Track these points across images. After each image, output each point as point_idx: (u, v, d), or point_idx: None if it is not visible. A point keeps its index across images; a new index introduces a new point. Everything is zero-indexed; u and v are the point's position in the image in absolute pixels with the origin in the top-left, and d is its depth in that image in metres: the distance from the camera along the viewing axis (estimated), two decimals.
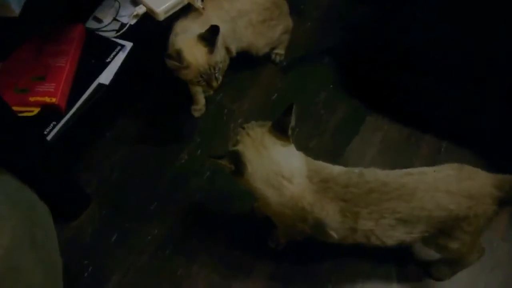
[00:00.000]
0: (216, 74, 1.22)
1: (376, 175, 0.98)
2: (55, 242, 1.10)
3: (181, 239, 1.32)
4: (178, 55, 1.17)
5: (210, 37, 1.17)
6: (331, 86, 1.57)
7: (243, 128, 0.99)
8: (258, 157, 0.95)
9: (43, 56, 1.17)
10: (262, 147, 0.95)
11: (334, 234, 1.00)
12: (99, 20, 1.30)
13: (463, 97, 1.32)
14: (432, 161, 1.35)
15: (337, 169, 1.01)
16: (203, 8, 1.28)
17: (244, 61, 1.50)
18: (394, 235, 1.00)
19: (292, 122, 0.96)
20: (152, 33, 1.33)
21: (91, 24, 1.30)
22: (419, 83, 1.36)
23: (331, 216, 0.97)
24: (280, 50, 1.59)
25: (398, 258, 1.26)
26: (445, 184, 0.96)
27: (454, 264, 1.16)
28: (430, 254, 1.20)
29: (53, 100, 1.10)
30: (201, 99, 1.48)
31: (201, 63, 1.18)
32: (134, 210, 1.36)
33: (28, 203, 1.04)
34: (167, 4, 1.26)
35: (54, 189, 1.17)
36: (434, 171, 0.99)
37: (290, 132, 0.96)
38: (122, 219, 1.35)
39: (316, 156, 1.04)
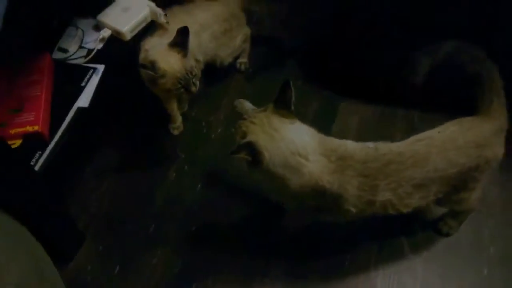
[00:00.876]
0: (193, 79, 1.23)
1: (389, 146, 1.01)
2: (59, 277, 1.03)
3: (188, 254, 1.27)
4: (153, 66, 1.16)
5: (181, 40, 1.19)
6: (300, 82, 1.62)
7: (245, 119, 0.98)
8: (272, 142, 0.94)
9: (14, 88, 1.12)
10: (273, 130, 0.95)
11: (352, 209, 1.00)
12: (64, 50, 1.28)
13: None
14: (410, 132, 1.40)
15: (350, 145, 1.01)
16: (167, 23, 1.30)
17: (212, 75, 1.52)
18: (411, 202, 1.02)
19: (293, 97, 0.97)
20: (120, 54, 1.32)
21: (57, 55, 1.27)
22: (382, 57, 1.44)
23: (350, 192, 0.98)
24: (243, 59, 1.63)
25: (406, 229, 1.29)
26: (452, 142, 1.00)
27: (460, 214, 1.21)
28: (437, 212, 1.25)
29: (36, 128, 1.05)
30: (177, 116, 1.47)
31: (177, 69, 1.18)
32: (131, 238, 1.31)
33: (28, 240, 0.97)
34: (131, 23, 1.27)
35: (48, 224, 1.09)
36: (439, 132, 1.04)
37: (293, 107, 0.97)
38: (121, 249, 1.28)
39: None
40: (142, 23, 1.29)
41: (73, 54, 1.28)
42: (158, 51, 1.20)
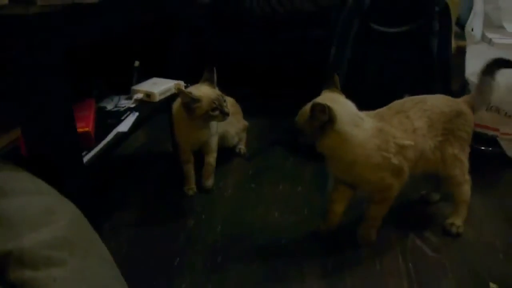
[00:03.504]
0: (225, 103, 1.48)
1: (399, 102, 1.35)
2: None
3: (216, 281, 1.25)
4: (191, 95, 1.42)
5: (209, 77, 1.51)
6: (291, 158, 1.88)
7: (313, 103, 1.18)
8: (339, 106, 1.19)
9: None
10: (335, 100, 1.21)
11: (405, 142, 1.26)
12: (104, 108, 1.51)
13: None
14: None
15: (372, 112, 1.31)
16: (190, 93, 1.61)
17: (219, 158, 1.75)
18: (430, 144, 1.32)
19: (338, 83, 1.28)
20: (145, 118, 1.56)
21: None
22: None
23: (397, 133, 1.26)
24: (242, 145, 1.91)
25: (415, 225, 1.43)
26: (436, 98, 1.38)
27: (459, 205, 1.44)
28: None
29: (86, 129, 1.20)
30: (192, 178, 1.64)
31: (210, 93, 1.46)
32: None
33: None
34: (161, 88, 1.57)
35: None
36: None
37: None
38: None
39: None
40: (168, 91, 1.59)
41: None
42: (193, 87, 1.53)
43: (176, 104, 1.55)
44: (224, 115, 1.48)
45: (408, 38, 1.77)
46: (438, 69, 1.78)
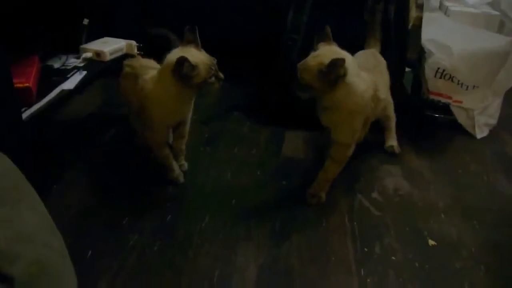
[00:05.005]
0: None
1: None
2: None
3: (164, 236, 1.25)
4: (186, 64, 1.21)
5: (192, 37, 1.29)
6: (248, 123, 1.88)
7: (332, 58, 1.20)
8: (347, 58, 1.22)
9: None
10: (338, 52, 1.25)
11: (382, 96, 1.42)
12: (50, 66, 1.46)
13: None
14: None
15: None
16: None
17: None
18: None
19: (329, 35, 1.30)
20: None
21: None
22: None
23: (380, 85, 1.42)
24: None
25: (364, 187, 1.46)
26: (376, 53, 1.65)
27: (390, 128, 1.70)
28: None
29: (26, 84, 1.16)
30: (173, 161, 1.48)
31: (204, 59, 1.27)
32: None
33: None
34: (111, 47, 1.53)
35: None
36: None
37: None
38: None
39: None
40: (119, 51, 1.56)
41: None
42: (182, 52, 1.26)
43: (154, 79, 1.33)
44: (220, 80, 1.32)
45: (366, 4, 1.77)
46: (394, 36, 1.80)
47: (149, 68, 1.36)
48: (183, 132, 1.48)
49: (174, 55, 1.25)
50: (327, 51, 1.25)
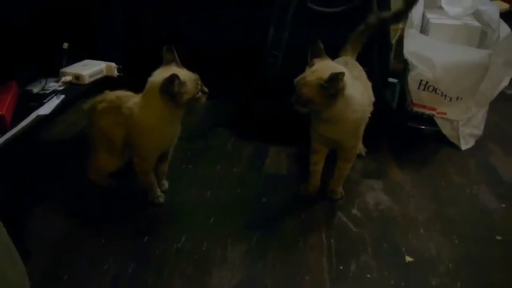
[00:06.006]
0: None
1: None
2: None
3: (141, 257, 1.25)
4: (176, 81, 1.21)
5: (171, 57, 1.29)
6: (232, 139, 1.89)
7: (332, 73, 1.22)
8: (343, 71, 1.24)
9: None
10: (335, 67, 1.29)
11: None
12: (29, 91, 1.48)
13: None
14: None
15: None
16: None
17: None
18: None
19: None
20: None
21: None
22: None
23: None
24: None
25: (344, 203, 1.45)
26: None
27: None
28: None
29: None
30: (156, 184, 1.48)
31: (190, 75, 1.28)
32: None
33: None
34: (90, 70, 1.55)
35: None
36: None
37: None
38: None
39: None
40: (99, 73, 1.58)
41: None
42: (166, 71, 1.25)
43: (139, 103, 1.31)
44: (205, 94, 1.31)
45: (346, 18, 1.78)
46: (376, 50, 1.80)
47: (128, 96, 1.36)
48: (166, 156, 1.49)
49: (157, 76, 1.27)
50: (324, 66, 1.29)
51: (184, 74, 1.27)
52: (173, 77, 1.20)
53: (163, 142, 1.38)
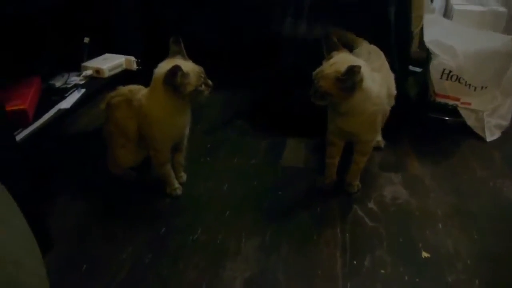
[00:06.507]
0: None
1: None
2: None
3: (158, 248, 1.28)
4: (179, 72, 1.24)
5: (178, 49, 1.32)
6: (250, 131, 1.90)
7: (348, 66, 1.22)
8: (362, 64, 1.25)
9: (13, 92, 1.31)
10: (352, 59, 1.28)
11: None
12: (52, 85, 1.53)
13: None
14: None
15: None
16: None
17: None
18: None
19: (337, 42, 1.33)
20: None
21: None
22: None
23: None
24: None
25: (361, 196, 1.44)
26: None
27: None
28: None
29: (21, 107, 1.22)
30: (173, 176, 1.51)
31: (193, 67, 1.30)
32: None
33: None
34: (110, 64, 1.58)
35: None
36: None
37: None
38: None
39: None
40: (119, 67, 1.61)
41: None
42: (170, 63, 1.27)
43: (146, 95, 1.35)
44: (209, 88, 1.33)
45: (364, 7, 1.74)
46: (395, 39, 1.76)
47: (139, 89, 1.39)
48: (180, 147, 1.50)
49: (162, 67, 1.30)
50: (342, 59, 1.28)
51: (188, 66, 1.29)
52: (176, 69, 1.22)
53: (172, 133, 1.40)
